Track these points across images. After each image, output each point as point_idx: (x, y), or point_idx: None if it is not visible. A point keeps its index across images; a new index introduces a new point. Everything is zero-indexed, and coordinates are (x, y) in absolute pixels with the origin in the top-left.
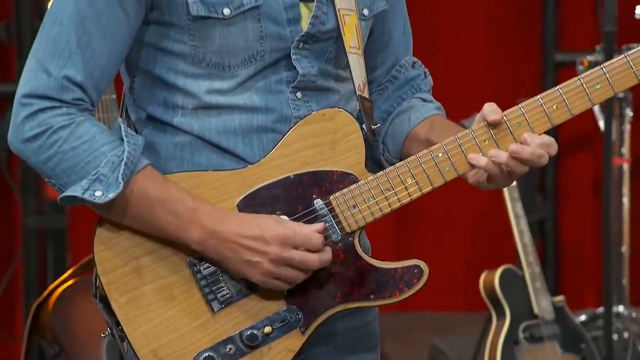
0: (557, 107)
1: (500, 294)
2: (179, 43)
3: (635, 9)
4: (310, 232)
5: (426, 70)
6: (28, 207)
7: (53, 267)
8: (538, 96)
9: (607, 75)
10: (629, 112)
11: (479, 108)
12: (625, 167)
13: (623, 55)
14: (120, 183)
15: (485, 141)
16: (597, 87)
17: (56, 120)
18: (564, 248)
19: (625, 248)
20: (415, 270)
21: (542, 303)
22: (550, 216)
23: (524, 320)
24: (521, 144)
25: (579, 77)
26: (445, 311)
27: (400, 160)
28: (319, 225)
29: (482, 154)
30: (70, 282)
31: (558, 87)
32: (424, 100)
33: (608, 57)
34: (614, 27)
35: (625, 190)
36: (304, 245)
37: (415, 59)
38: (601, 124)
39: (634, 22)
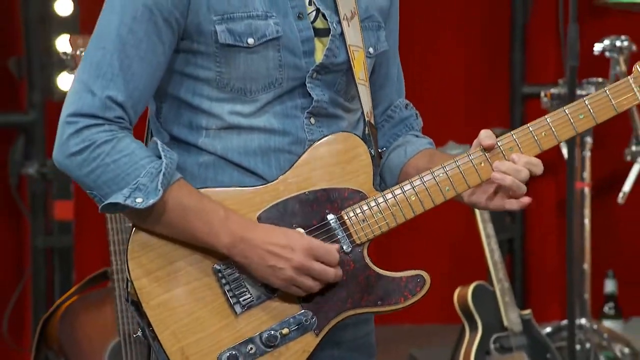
0: (545, 134)
1: (473, 308)
2: (206, 69)
3: (594, 46)
4: (331, 248)
5: (417, 112)
6: (37, 228)
7: (59, 284)
8: (528, 124)
9: (589, 107)
10: (589, 140)
11: (452, 137)
12: (587, 190)
13: (603, 90)
14: (159, 191)
15: (481, 163)
16: (581, 117)
17: (100, 135)
18: (531, 265)
19: (587, 265)
20: (418, 280)
21: (511, 316)
22: (518, 236)
23: (495, 332)
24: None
25: (564, 108)
26: (422, 324)
27: None
28: (337, 246)
29: (479, 175)
30: (75, 298)
31: (546, 116)
32: (417, 136)
33: (571, 89)
34: (576, 62)
35: (587, 211)
36: (324, 258)
37: (407, 101)
38: (564, 151)
39: (593, 58)
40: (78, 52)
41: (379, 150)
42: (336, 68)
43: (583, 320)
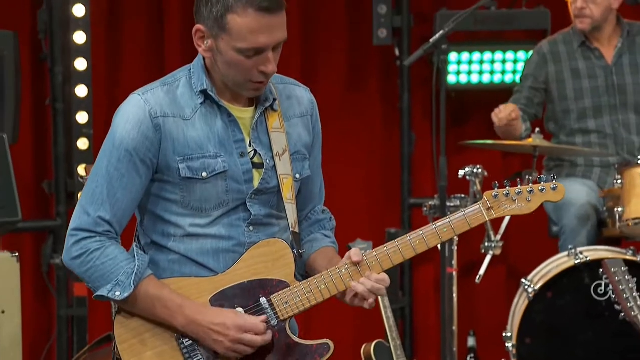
0: (414, 244)
1: (374, 358)
2: (173, 194)
3: (458, 172)
4: (258, 321)
5: (332, 216)
6: (61, 302)
7: (77, 344)
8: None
9: (452, 226)
10: (455, 238)
11: (359, 235)
12: (454, 273)
13: (462, 211)
14: (131, 287)
15: (348, 274)
16: (445, 230)
17: (93, 245)
18: (416, 327)
19: (455, 327)
20: (325, 346)
21: None
22: (407, 305)
23: None
24: (366, 277)
25: (434, 224)
26: None
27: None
28: (263, 317)
29: (354, 281)
30: (87, 354)
31: (415, 232)
32: (325, 235)
33: (442, 202)
34: (446, 183)
35: (455, 288)
36: (252, 330)
37: (325, 207)
38: (439, 245)
39: (458, 180)
40: None
41: (300, 251)
42: (269, 191)
43: None
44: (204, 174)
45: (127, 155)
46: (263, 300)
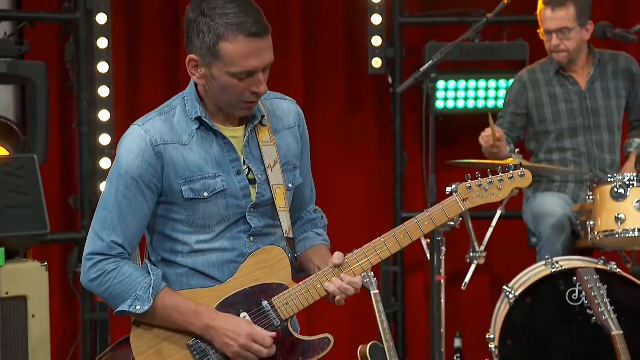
0: (401, 237)
1: (369, 358)
2: (178, 214)
3: (446, 188)
4: (267, 335)
5: (323, 214)
6: (85, 307)
7: (100, 344)
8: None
9: (431, 217)
10: (443, 249)
11: (357, 245)
12: (442, 281)
13: (439, 205)
14: (150, 300)
15: (332, 274)
16: (426, 223)
17: (108, 266)
18: (408, 329)
19: (443, 329)
20: (325, 340)
21: None
22: (399, 310)
23: None
24: (341, 279)
25: (415, 217)
26: None
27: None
28: (272, 333)
29: (327, 282)
30: (109, 355)
31: (398, 228)
32: (317, 234)
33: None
34: (434, 198)
35: (442, 295)
36: (260, 342)
37: (317, 207)
38: (428, 255)
39: (446, 195)
40: None
41: (295, 255)
42: (265, 203)
43: None
44: (205, 194)
45: (133, 182)
46: (265, 303)
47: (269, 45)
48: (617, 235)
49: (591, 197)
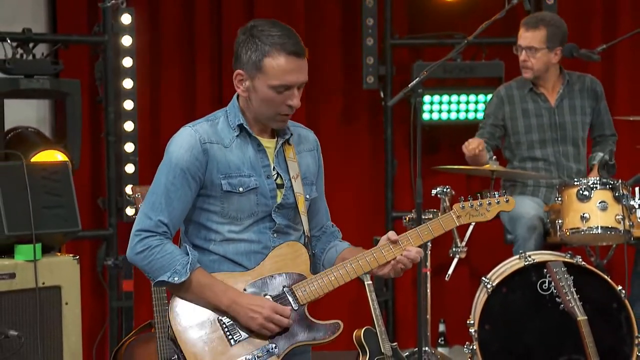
0: (427, 233)
1: (364, 341)
2: (214, 205)
3: (431, 191)
4: (286, 308)
5: (338, 229)
6: (112, 296)
7: (125, 330)
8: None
9: (430, 228)
10: (429, 244)
11: (351, 242)
12: (428, 273)
13: (437, 219)
14: (187, 273)
15: (388, 251)
16: (426, 233)
17: (153, 242)
18: (398, 316)
19: (429, 316)
20: (336, 324)
21: (386, 346)
22: (390, 298)
23: (376, 356)
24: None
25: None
26: (336, 350)
27: None
28: (289, 307)
29: (384, 257)
30: (133, 338)
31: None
32: (341, 241)
33: (418, 215)
34: (421, 200)
35: (428, 285)
36: (281, 313)
37: (332, 223)
38: None
39: (431, 197)
40: (136, 195)
41: (313, 252)
42: (288, 206)
43: (426, 348)
44: (241, 189)
45: (181, 173)
46: (286, 289)
47: (305, 65)
48: (583, 232)
49: (559, 199)
